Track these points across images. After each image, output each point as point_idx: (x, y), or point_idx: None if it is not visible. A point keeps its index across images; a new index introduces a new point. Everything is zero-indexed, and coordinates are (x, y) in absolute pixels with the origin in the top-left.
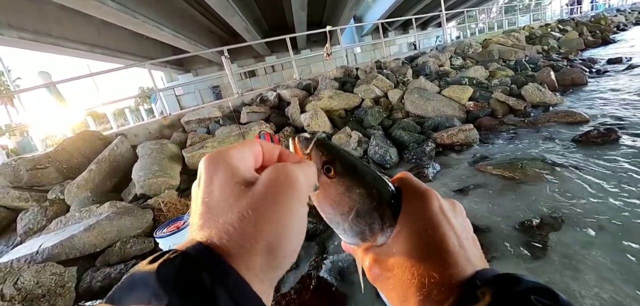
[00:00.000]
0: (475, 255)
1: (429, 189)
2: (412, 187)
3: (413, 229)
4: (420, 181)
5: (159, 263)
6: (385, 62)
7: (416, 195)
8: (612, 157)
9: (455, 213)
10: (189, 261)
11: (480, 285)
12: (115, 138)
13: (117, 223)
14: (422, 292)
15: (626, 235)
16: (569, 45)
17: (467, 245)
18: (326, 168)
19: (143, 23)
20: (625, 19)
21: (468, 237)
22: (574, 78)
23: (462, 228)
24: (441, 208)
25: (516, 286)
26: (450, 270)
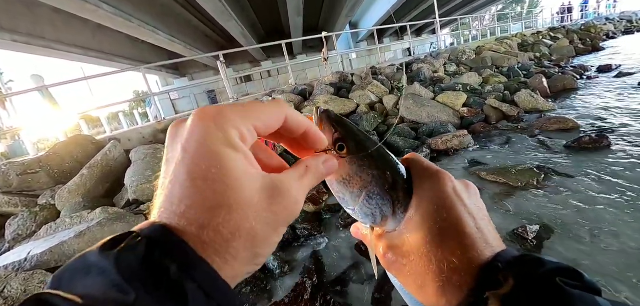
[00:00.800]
0: (493, 237)
1: (440, 170)
2: (424, 168)
3: (427, 212)
4: (431, 162)
5: (119, 249)
6: (380, 67)
7: (428, 177)
8: (603, 163)
9: (469, 194)
10: (154, 249)
11: (501, 268)
12: (108, 143)
13: (109, 229)
14: (441, 278)
15: (618, 241)
16: (560, 52)
17: (484, 227)
18: (339, 145)
19: (138, 27)
20: (614, 28)
21: (484, 218)
22: (565, 85)
23: (478, 209)
24: (455, 190)
25: (539, 267)
26: (469, 254)
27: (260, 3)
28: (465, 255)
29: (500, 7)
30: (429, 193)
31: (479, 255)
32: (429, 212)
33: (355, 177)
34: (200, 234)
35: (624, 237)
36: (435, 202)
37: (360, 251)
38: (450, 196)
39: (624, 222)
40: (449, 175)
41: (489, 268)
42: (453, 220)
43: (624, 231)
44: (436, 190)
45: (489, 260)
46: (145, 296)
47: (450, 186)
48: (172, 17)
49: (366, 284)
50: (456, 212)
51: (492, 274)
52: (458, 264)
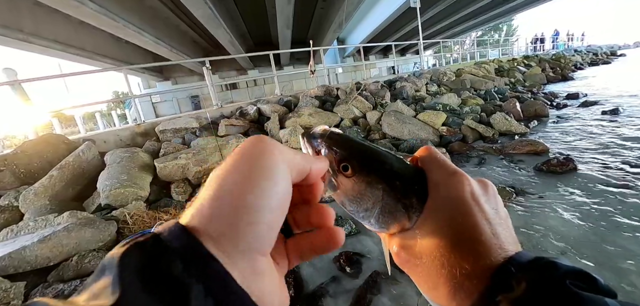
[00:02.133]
0: (510, 240)
1: (457, 171)
2: (440, 167)
3: (442, 216)
4: (447, 159)
5: (126, 247)
6: (365, 83)
7: (445, 178)
8: (569, 185)
9: (488, 196)
10: (160, 246)
11: (514, 272)
12: (82, 144)
13: (76, 235)
14: (453, 282)
15: (583, 259)
16: (532, 79)
17: (500, 232)
18: (343, 166)
19: (124, 27)
20: (582, 59)
21: (501, 222)
22: (537, 110)
23: (495, 213)
24: (472, 194)
25: (553, 271)
26: (483, 261)
27: (249, 13)
28: (478, 262)
29: (480, 33)
30: (445, 197)
31: (492, 261)
32: (445, 217)
33: (365, 193)
34: (217, 230)
35: (588, 256)
36: (450, 207)
37: (339, 265)
38: (467, 201)
39: (588, 241)
40: (467, 177)
41: (501, 272)
42: (468, 226)
43: (588, 251)
44: (452, 194)
45: (501, 264)
46: (137, 295)
47: (468, 190)
48: (160, 20)
49: (344, 298)
50: (472, 218)
51: (504, 278)
52: (471, 270)
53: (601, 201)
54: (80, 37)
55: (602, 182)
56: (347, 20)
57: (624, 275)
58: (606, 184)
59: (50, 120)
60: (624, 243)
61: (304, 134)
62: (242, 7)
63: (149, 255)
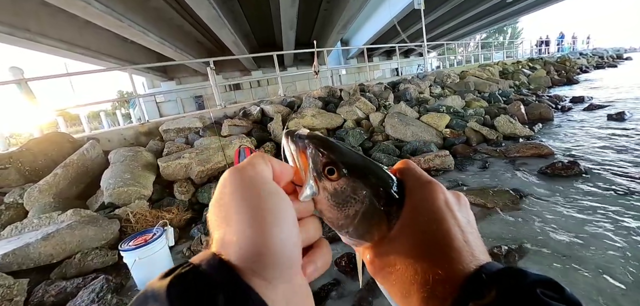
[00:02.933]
0: (480, 250)
1: (433, 180)
2: (416, 178)
3: (417, 223)
4: (423, 170)
5: (170, 279)
6: (368, 85)
7: (420, 187)
8: (574, 188)
9: (460, 206)
10: (202, 280)
11: (485, 280)
12: (86, 142)
13: (79, 232)
14: (426, 289)
15: (585, 264)
16: (537, 82)
17: (472, 240)
18: (328, 170)
19: (129, 27)
20: (587, 62)
21: (472, 231)
22: (541, 113)
23: (467, 222)
24: (446, 202)
25: (522, 279)
26: (455, 266)
27: (254, 14)
28: (451, 267)
29: (484, 35)
30: (420, 204)
31: (464, 268)
32: (419, 224)
33: (348, 198)
34: (254, 261)
35: (591, 261)
36: (425, 214)
37: (340, 267)
38: (441, 208)
39: (591, 246)
40: (441, 186)
41: (473, 280)
42: (442, 233)
43: (591, 255)
44: (427, 202)
45: (473, 272)
46: None
47: (442, 198)
48: (164, 20)
49: (345, 300)
50: (446, 225)
51: (475, 285)
52: (443, 276)
53: (606, 206)
54: (86, 37)
55: (608, 187)
56: (351, 21)
57: (627, 280)
58: (611, 189)
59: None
60: (628, 249)
61: (287, 133)
62: (247, 8)
63: (194, 288)
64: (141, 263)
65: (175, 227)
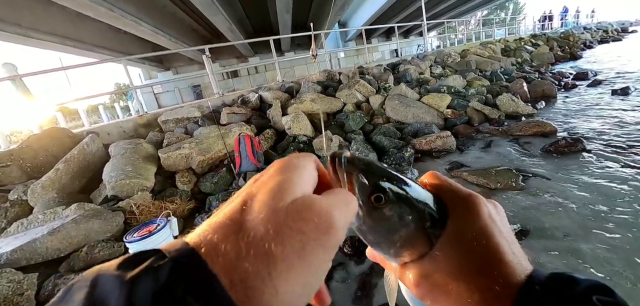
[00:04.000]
0: (524, 258)
1: (473, 194)
2: (454, 192)
3: (464, 240)
4: (457, 183)
5: (136, 272)
6: (367, 67)
7: (462, 202)
8: (577, 166)
9: (500, 217)
10: (178, 280)
11: (539, 290)
12: (86, 136)
13: (85, 226)
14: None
15: (587, 241)
16: (540, 58)
17: (517, 250)
18: (376, 197)
19: (120, 17)
20: (591, 37)
21: (515, 240)
22: (544, 90)
23: (509, 232)
24: (490, 215)
25: (575, 286)
26: (510, 280)
27: None
28: (506, 282)
29: (486, 12)
30: (466, 220)
31: (518, 281)
32: (467, 240)
33: (394, 226)
34: (233, 264)
35: (593, 237)
36: (472, 229)
37: (344, 250)
38: (487, 222)
39: (593, 223)
40: (482, 199)
41: (526, 291)
42: (493, 248)
43: (594, 232)
44: (473, 217)
45: (524, 283)
46: None
47: (486, 212)
48: (157, 8)
49: (349, 283)
50: (495, 239)
51: (530, 297)
52: (500, 291)
53: (610, 184)
54: (78, 30)
55: (612, 164)
56: (348, 2)
57: (631, 259)
58: (616, 166)
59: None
60: (633, 226)
61: (332, 158)
62: None
63: (164, 289)
64: None
65: (179, 217)
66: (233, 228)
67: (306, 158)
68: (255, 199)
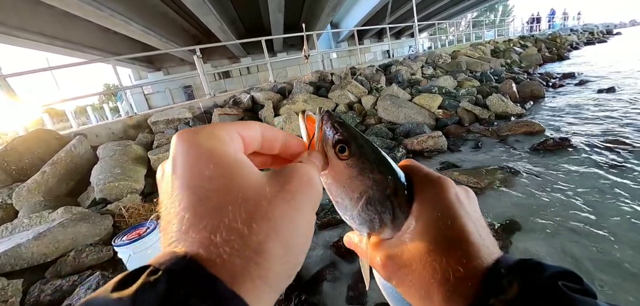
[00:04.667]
0: (493, 243)
1: (442, 176)
2: (424, 175)
3: (430, 220)
4: (429, 169)
5: (135, 289)
6: (360, 68)
7: (430, 183)
8: (565, 164)
9: (470, 200)
10: (177, 287)
11: (504, 274)
12: (73, 138)
13: (72, 230)
14: (447, 287)
15: (575, 238)
16: (529, 60)
17: (484, 234)
18: (340, 147)
19: (109, 17)
20: (578, 38)
21: (484, 225)
22: (533, 90)
23: (478, 216)
24: (457, 196)
25: (541, 272)
26: (475, 261)
27: None
28: (470, 263)
29: (476, 14)
30: (432, 200)
31: (482, 262)
32: (433, 220)
33: (355, 180)
34: (228, 257)
35: (581, 234)
36: (438, 209)
37: (336, 251)
38: (453, 203)
39: (581, 220)
40: (451, 181)
41: (492, 275)
42: (458, 228)
43: (581, 229)
44: (439, 197)
45: (491, 266)
46: None
47: (453, 192)
48: (147, 8)
49: (341, 283)
50: (461, 220)
51: (496, 280)
52: (464, 272)
53: (597, 181)
54: (66, 29)
55: (598, 162)
56: (341, 3)
57: (614, 256)
58: (601, 164)
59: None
60: (617, 222)
61: (303, 111)
62: None
63: (167, 296)
64: (136, 257)
65: None
66: (214, 214)
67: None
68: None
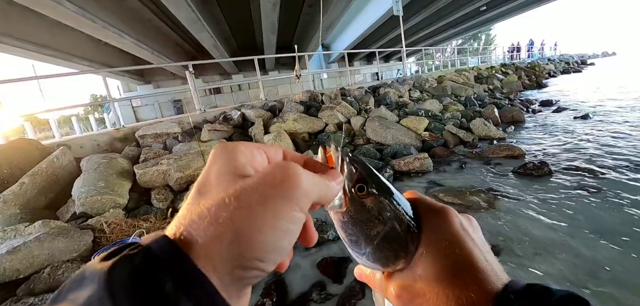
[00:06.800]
0: (499, 268)
1: (446, 206)
2: (429, 205)
3: (439, 249)
4: (432, 199)
5: (113, 261)
6: (349, 89)
7: (435, 214)
8: (544, 188)
9: (473, 227)
10: (150, 261)
11: (513, 299)
12: (56, 149)
13: (49, 245)
14: None
15: (555, 260)
16: (510, 86)
17: (490, 259)
18: (359, 186)
19: (103, 28)
20: (555, 68)
21: (489, 251)
22: (514, 115)
23: (483, 242)
24: (462, 225)
25: (549, 297)
26: (484, 287)
27: (234, 17)
28: (480, 289)
29: (460, 41)
30: (439, 229)
31: (492, 288)
32: (442, 249)
33: (373, 218)
34: (203, 241)
35: (560, 257)
36: (446, 238)
37: (323, 270)
38: (459, 231)
39: (560, 243)
40: (454, 211)
41: (502, 300)
42: (466, 255)
43: (560, 252)
44: (445, 226)
45: (500, 292)
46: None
47: (457, 222)
48: (141, 22)
49: (328, 302)
50: (467, 247)
51: (505, 304)
52: (476, 298)
53: (572, 203)
54: (56, 38)
55: (574, 185)
56: (332, 27)
57: (592, 277)
58: (577, 187)
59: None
60: (591, 244)
61: (322, 145)
62: (227, 12)
63: (140, 273)
64: None
65: None
66: (197, 200)
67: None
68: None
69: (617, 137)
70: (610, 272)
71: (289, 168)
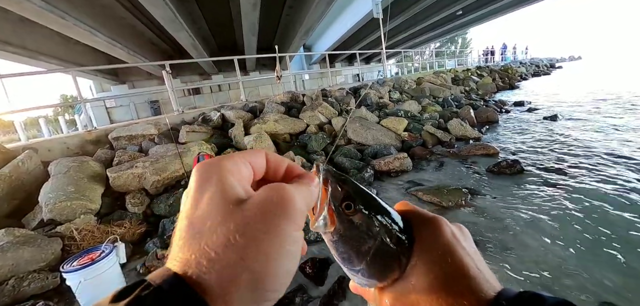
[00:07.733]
0: (491, 275)
1: (436, 216)
2: (420, 216)
3: (431, 259)
4: (422, 209)
5: (128, 301)
6: (331, 90)
7: (426, 224)
8: (516, 184)
9: (464, 236)
10: (163, 301)
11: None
12: (21, 153)
13: (13, 255)
14: None
15: (527, 252)
16: (485, 88)
17: (482, 267)
18: (346, 204)
19: (73, 26)
20: (526, 70)
21: (480, 259)
22: (488, 116)
23: (474, 251)
24: (453, 234)
25: (541, 304)
26: (477, 295)
27: (214, 17)
28: (473, 297)
29: (438, 44)
30: (430, 240)
31: (485, 296)
32: (433, 259)
33: (363, 234)
34: (218, 285)
35: (532, 249)
36: (437, 249)
37: (305, 273)
38: (450, 241)
39: (531, 236)
40: (445, 220)
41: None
42: (457, 264)
43: (532, 244)
44: (436, 236)
45: (492, 301)
46: None
47: (448, 231)
48: (115, 20)
49: (310, 305)
50: (458, 256)
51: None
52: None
53: (543, 199)
54: (21, 35)
55: (543, 181)
56: (313, 28)
57: (561, 267)
58: (546, 184)
59: None
60: (561, 236)
61: (317, 165)
62: (206, 11)
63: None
64: (88, 284)
65: (128, 242)
66: (196, 237)
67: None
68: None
69: (582, 135)
70: (575, 264)
71: (281, 190)
